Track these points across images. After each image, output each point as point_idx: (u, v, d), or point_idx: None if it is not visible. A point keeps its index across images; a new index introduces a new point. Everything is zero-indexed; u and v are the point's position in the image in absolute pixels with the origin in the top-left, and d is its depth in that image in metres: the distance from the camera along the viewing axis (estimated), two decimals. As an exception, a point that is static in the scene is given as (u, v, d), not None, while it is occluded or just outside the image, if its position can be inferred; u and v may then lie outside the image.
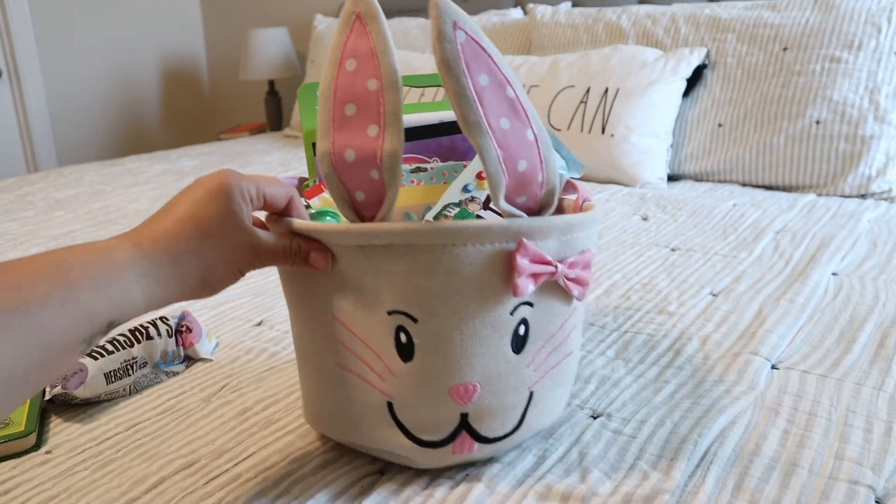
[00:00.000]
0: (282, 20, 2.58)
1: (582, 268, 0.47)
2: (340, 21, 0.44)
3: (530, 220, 0.44)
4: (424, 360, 0.44)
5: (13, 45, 2.21)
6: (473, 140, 0.42)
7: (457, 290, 0.43)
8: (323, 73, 0.45)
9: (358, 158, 0.43)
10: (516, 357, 0.46)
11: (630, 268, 0.89)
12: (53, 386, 0.57)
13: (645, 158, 1.37)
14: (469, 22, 0.41)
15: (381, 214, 0.45)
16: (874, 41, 1.29)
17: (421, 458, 0.47)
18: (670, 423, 0.54)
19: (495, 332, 0.45)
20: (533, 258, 0.44)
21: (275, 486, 0.48)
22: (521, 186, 0.44)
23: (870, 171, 1.25)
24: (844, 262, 0.89)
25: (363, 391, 0.47)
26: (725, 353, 0.66)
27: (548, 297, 0.47)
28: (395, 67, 0.43)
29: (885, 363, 0.63)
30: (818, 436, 0.52)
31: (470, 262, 0.43)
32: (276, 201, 0.45)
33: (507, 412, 0.47)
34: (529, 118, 0.44)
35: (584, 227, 0.47)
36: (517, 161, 0.43)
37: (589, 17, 1.65)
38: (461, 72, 0.41)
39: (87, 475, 0.50)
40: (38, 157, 2.31)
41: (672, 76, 1.39)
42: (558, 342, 0.49)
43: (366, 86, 0.43)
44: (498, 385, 0.46)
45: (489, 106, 0.42)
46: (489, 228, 0.43)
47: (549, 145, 0.45)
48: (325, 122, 0.44)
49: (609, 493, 0.46)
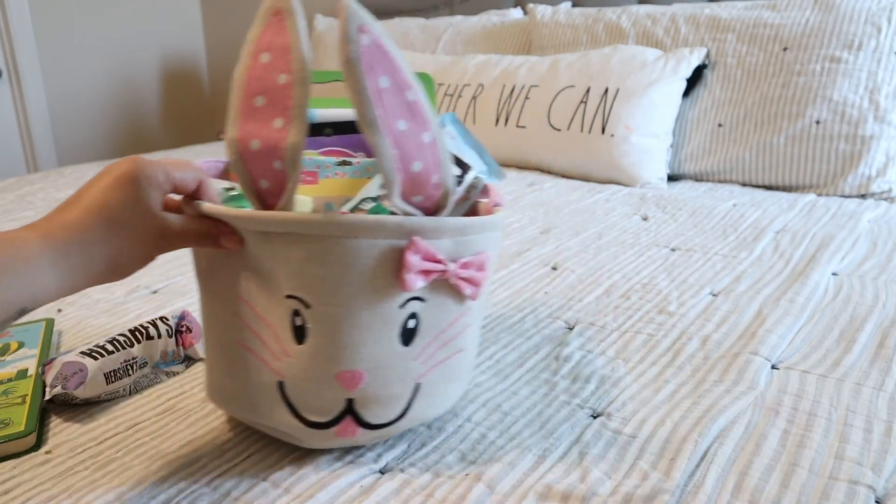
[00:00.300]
0: (282, 20, 2.58)
1: (476, 269, 0.49)
2: (259, 14, 0.46)
3: (424, 219, 0.46)
4: (315, 344, 0.47)
5: (13, 45, 2.21)
6: (370, 138, 0.44)
7: (348, 281, 0.45)
8: (238, 63, 0.47)
9: (262, 148, 0.45)
10: (404, 349, 0.48)
11: (630, 268, 0.89)
12: (53, 386, 0.57)
13: (645, 158, 1.37)
14: (375, 26, 0.43)
15: (282, 203, 0.46)
16: (874, 41, 1.29)
17: (307, 437, 0.49)
18: (670, 423, 0.54)
19: (384, 323, 0.47)
20: (424, 256, 0.46)
21: (274, 486, 0.48)
22: (417, 186, 0.46)
23: (870, 171, 1.25)
24: (844, 262, 0.89)
25: (258, 370, 0.49)
26: (725, 353, 0.66)
27: (440, 294, 0.49)
28: (307, 64, 0.44)
29: (885, 363, 0.63)
30: (818, 436, 0.52)
31: (363, 254, 0.45)
32: (185, 185, 0.47)
33: (393, 401, 0.49)
34: (428, 122, 0.45)
35: (481, 229, 0.49)
36: (412, 162, 0.45)
37: (589, 17, 1.65)
38: (362, 72, 0.42)
39: (87, 475, 0.50)
40: (38, 157, 2.31)
41: (672, 76, 1.39)
42: (449, 338, 0.51)
43: (276, 79, 0.45)
44: (384, 375, 0.48)
45: (388, 107, 0.43)
46: (382, 224, 0.45)
47: (446, 149, 0.46)
48: (235, 111, 0.46)
49: (609, 493, 0.46)
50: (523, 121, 1.51)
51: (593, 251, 0.96)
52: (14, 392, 0.58)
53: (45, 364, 0.60)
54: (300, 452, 0.52)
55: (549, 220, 1.12)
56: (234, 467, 0.50)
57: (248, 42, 0.46)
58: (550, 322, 0.74)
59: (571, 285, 0.84)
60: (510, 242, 1.01)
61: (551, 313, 0.76)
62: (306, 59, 0.44)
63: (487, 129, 1.57)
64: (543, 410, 0.57)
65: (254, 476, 0.49)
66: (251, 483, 0.48)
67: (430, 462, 0.50)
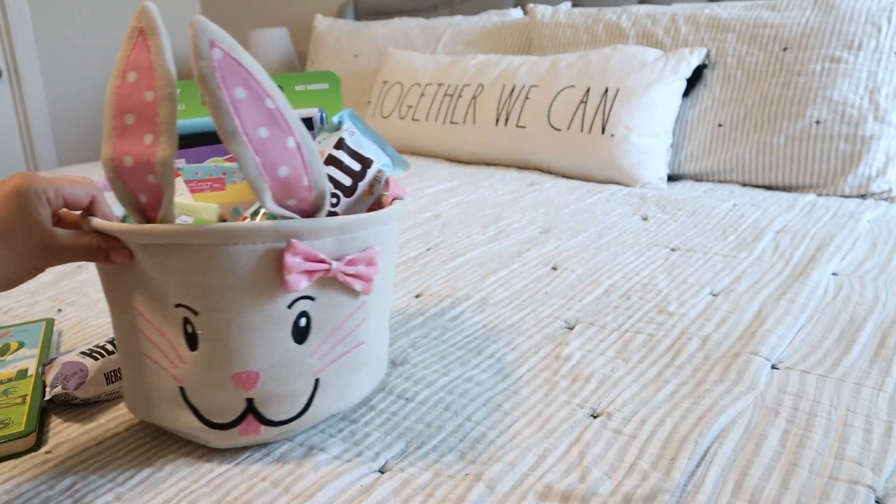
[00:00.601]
0: (282, 20, 2.58)
1: (366, 264, 0.51)
2: (126, 34, 0.48)
3: (300, 222, 0.47)
4: (207, 349, 0.48)
5: (13, 45, 2.21)
6: (231, 148, 0.45)
7: (231, 286, 0.47)
8: (109, 82, 0.49)
9: (136, 164, 0.47)
10: (299, 347, 0.50)
11: (630, 268, 0.89)
12: (54, 386, 0.57)
13: (645, 158, 1.37)
14: (226, 39, 0.44)
15: (161, 215, 0.48)
16: (874, 41, 1.29)
17: (213, 438, 0.51)
18: (670, 423, 0.54)
19: (273, 324, 0.48)
20: (305, 256, 0.48)
21: (274, 486, 0.48)
22: (288, 190, 0.47)
23: (870, 171, 1.25)
24: (844, 262, 0.89)
25: (159, 376, 0.51)
26: (725, 353, 0.66)
27: (331, 292, 0.50)
28: (171, 80, 0.46)
29: (885, 363, 0.63)
30: (818, 436, 0.52)
31: (243, 260, 0.47)
32: (77, 200, 0.49)
33: (293, 398, 0.51)
34: (291, 127, 0.47)
35: (364, 226, 0.51)
36: (277, 167, 0.47)
37: (589, 17, 1.65)
38: (217, 86, 0.44)
39: (87, 475, 0.50)
40: (38, 157, 2.31)
41: (672, 76, 1.39)
42: (346, 333, 0.52)
43: (143, 97, 0.47)
44: (280, 373, 0.49)
45: (246, 117, 0.45)
46: (258, 229, 0.46)
47: (313, 152, 0.48)
48: (108, 130, 0.48)
49: (609, 493, 0.46)
50: (523, 121, 1.51)
51: (593, 251, 0.96)
52: (14, 392, 0.58)
53: (45, 364, 0.60)
54: (300, 451, 0.52)
55: (549, 220, 1.12)
56: (233, 467, 0.50)
57: (116, 62, 0.48)
58: (550, 322, 0.74)
59: (571, 285, 0.84)
60: (510, 242, 1.01)
61: (551, 313, 0.76)
62: (170, 75, 0.46)
63: (487, 129, 1.57)
64: (543, 410, 0.57)
65: (254, 476, 0.49)
66: (251, 483, 0.48)
67: (430, 461, 0.50)
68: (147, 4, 0.47)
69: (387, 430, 0.54)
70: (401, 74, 1.80)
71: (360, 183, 0.58)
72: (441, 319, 0.75)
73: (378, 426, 0.55)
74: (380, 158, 0.60)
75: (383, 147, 0.61)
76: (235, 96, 0.44)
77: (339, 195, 0.57)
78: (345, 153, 0.58)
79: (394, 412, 0.57)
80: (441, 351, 0.67)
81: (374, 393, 0.60)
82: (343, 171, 0.57)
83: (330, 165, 0.57)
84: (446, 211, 1.19)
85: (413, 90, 1.74)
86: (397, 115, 1.74)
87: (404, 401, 0.58)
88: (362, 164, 0.58)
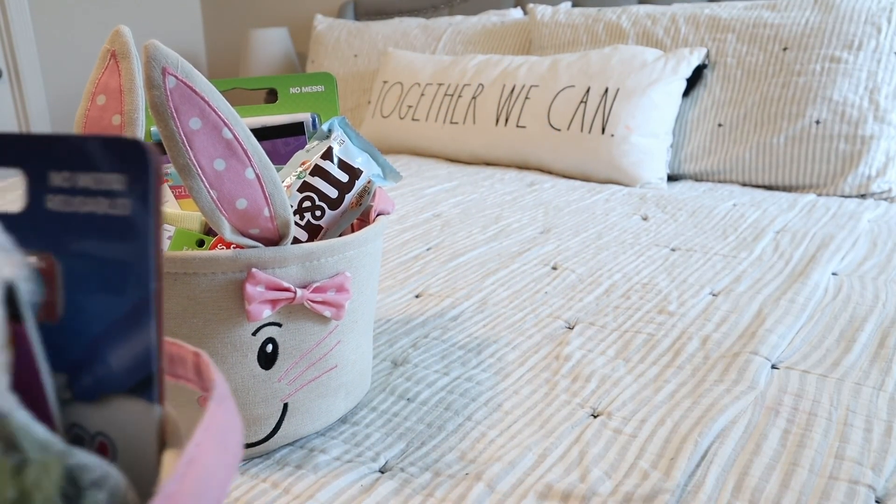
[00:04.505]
0: (282, 20, 2.58)
1: (336, 290, 0.49)
2: (99, 57, 0.49)
3: (261, 251, 0.46)
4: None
5: (13, 45, 2.21)
6: (184, 183, 0.44)
7: (193, 314, 0.47)
8: (80, 104, 0.50)
9: None
10: (265, 372, 0.49)
11: (630, 268, 0.89)
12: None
13: (645, 158, 1.37)
14: (181, 66, 0.42)
15: None
16: (874, 41, 1.29)
17: None
18: (670, 423, 0.54)
19: (237, 350, 0.48)
20: (268, 285, 0.46)
21: (274, 486, 0.48)
22: (247, 221, 0.46)
23: (870, 171, 1.25)
24: (844, 262, 0.89)
25: None
26: (725, 352, 0.66)
27: (298, 319, 0.49)
28: (138, 105, 0.46)
29: (885, 363, 0.63)
30: (818, 436, 0.52)
31: (203, 289, 0.46)
32: None
33: (259, 421, 0.50)
34: (250, 157, 0.45)
35: (331, 252, 0.49)
36: (235, 200, 0.45)
37: (589, 17, 1.65)
38: (169, 116, 0.42)
39: (88, 475, 0.50)
40: (38, 157, 2.31)
41: (672, 76, 1.39)
42: (316, 357, 0.51)
43: (111, 121, 0.47)
44: (245, 397, 0.49)
45: (201, 148, 0.43)
46: (216, 259, 0.45)
47: (275, 182, 0.46)
48: None
49: (609, 493, 0.46)
50: (523, 121, 1.51)
51: (593, 251, 0.96)
52: (14, 392, 0.59)
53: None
54: (300, 453, 0.52)
55: (549, 220, 1.12)
56: (234, 467, 0.50)
57: (87, 84, 0.49)
58: (550, 321, 0.74)
59: (571, 285, 0.84)
60: (510, 242, 1.01)
61: (551, 313, 0.76)
62: (138, 100, 0.46)
63: (487, 129, 1.57)
64: (544, 410, 0.57)
65: (254, 476, 0.49)
66: (251, 484, 0.48)
67: (430, 461, 0.50)
68: (121, 28, 0.47)
69: (387, 431, 0.54)
70: (401, 74, 1.80)
71: (347, 195, 0.56)
72: (441, 319, 0.75)
73: (379, 427, 0.55)
74: (371, 169, 0.58)
75: (375, 157, 0.60)
76: (189, 127, 0.43)
77: (323, 208, 0.56)
78: (333, 164, 0.56)
79: (395, 412, 0.57)
80: (441, 351, 0.67)
81: (374, 393, 0.60)
82: (329, 183, 0.56)
83: (316, 176, 0.56)
84: (446, 211, 1.19)
85: (413, 90, 1.74)
86: (397, 115, 1.74)
87: (405, 401, 0.59)
88: (350, 175, 0.57)
